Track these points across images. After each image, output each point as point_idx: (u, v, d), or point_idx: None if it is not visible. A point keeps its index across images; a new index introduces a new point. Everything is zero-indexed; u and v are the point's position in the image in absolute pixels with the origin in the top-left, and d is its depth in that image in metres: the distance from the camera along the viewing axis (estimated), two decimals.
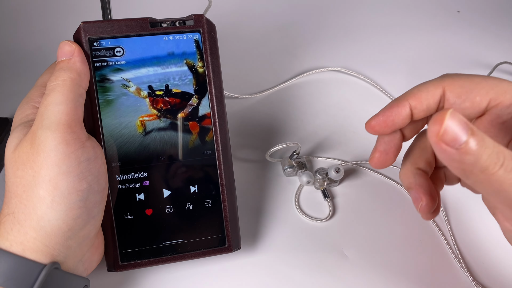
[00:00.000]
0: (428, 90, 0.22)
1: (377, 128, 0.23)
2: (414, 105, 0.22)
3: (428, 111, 0.22)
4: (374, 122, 0.23)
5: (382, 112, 0.23)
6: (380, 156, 0.24)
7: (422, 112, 0.22)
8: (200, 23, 0.27)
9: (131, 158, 0.27)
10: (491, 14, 0.57)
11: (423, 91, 0.22)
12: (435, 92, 0.22)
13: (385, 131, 0.23)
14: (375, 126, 0.23)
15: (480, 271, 0.31)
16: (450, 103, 0.21)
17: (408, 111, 0.22)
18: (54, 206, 0.22)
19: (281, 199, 0.35)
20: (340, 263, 0.31)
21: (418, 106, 0.22)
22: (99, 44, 0.26)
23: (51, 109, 0.23)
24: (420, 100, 0.22)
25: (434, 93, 0.22)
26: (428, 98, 0.22)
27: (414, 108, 0.22)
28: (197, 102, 0.28)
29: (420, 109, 0.22)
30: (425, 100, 0.22)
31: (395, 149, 0.24)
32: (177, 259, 0.28)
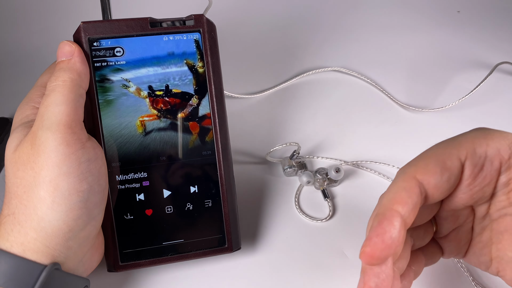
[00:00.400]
0: (404, 188, 0.20)
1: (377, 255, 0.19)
2: (402, 209, 0.20)
3: (416, 209, 0.20)
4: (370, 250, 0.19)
5: (374, 233, 0.19)
6: None
7: (411, 214, 0.20)
8: (200, 23, 0.27)
9: (131, 158, 0.27)
10: (491, 14, 0.57)
11: (400, 191, 0.20)
12: (411, 184, 0.20)
13: (387, 254, 0.19)
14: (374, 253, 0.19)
15: (480, 271, 0.31)
16: (433, 185, 0.20)
17: (400, 220, 0.20)
18: (55, 207, 0.22)
19: (281, 199, 0.35)
20: (340, 263, 0.31)
21: (405, 209, 0.20)
22: (99, 44, 0.26)
23: (52, 109, 0.23)
24: (404, 202, 0.20)
25: (412, 187, 0.20)
26: (410, 196, 0.20)
27: (403, 213, 0.20)
28: (197, 102, 0.28)
29: (408, 212, 0.20)
30: (408, 199, 0.20)
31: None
32: (177, 259, 0.28)
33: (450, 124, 0.42)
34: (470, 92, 0.43)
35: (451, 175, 0.20)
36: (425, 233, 0.25)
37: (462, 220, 0.24)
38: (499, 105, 0.45)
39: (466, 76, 0.48)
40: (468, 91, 0.43)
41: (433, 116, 0.43)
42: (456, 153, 0.20)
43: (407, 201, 0.20)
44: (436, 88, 0.46)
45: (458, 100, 0.43)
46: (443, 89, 0.46)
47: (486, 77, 0.44)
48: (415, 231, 0.25)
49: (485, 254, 0.24)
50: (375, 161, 0.38)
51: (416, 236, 0.24)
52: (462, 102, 0.43)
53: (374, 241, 0.19)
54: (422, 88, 0.46)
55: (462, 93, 0.43)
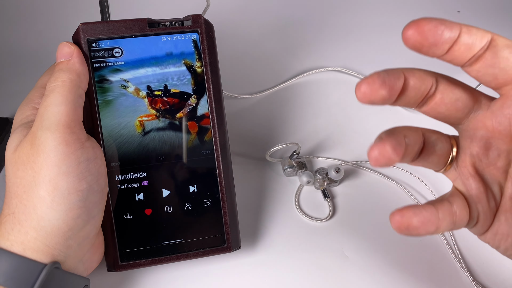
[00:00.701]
0: (479, 29, 0.19)
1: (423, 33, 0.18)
2: (464, 31, 0.19)
3: (470, 48, 0.19)
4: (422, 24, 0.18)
5: (429, 19, 0.19)
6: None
7: (463, 46, 0.19)
8: (198, 23, 0.27)
9: (130, 158, 0.27)
10: (491, 14, 0.57)
11: (474, 27, 0.19)
12: (485, 34, 0.19)
13: (431, 40, 0.19)
14: (423, 29, 0.18)
15: (480, 271, 0.31)
16: (498, 49, 0.19)
17: (458, 34, 0.19)
18: (54, 206, 0.22)
19: (281, 199, 0.35)
20: (340, 263, 0.31)
21: (465, 36, 0.19)
22: (98, 45, 0.26)
23: (51, 110, 0.23)
24: (470, 32, 0.19)
25: (484, 34, 0.19)
26: (477, 34, 0.19)
27: (462, 35, 0.19)
28: (196, 102, 0.28)
29: (465, 41, 0.19)
30: (474, 34, 0.19)
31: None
32: (176, 259, 0.28)
33: None
34: None
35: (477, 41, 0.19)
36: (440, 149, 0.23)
37: (494, 155, 0.22)
38: None
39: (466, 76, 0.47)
40: None
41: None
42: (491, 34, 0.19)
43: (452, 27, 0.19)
44: None
45: None
46: None
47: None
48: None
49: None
50: None
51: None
52: None
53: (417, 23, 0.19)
54: None
55: None
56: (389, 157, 0.20)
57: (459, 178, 0.23)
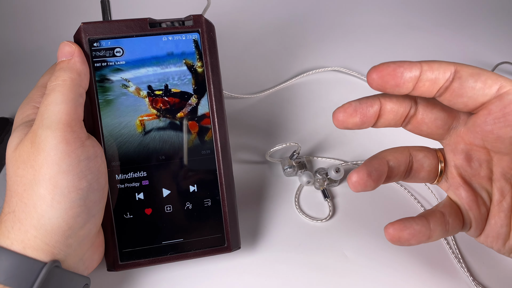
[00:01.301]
0: (441, 63, 0.21)
1: (383, 77, 0.20)
2: (425, 69, 0.20)
3: (435, 83, 0.21)
4: (381, 68, 0.20)
5: (390, 63, 0.21)
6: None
7: (428, 82, 0.20)
8: (199, 23, 0.27)
9: (130, 157, 0.27)
10: (491, 14, 0.57)
11: (436, 62, 0.21)
12: (448, 67, 0.20)
13: (391, 82, 0.20)
14: (382, 73, 0.20)
15: (480, 271, 0.31)
16: (463, 80, 0.20)
17: (419, 72, 0.20)
18: (54, 204, 0.22)
19: (281, 199, 0.35)
20: (340, 263, 0.31)
21: (427, 73, 0.20)
22: (99, 45, 0.26)
23: (51, 108, 0.23)
24: (432, 67, 0.20)
25: (446, 68, 0.20)
26: (439, 69, 0.20)
27: (424, 73, 0.20)
28: (196, 101, 0.28)
29: (428, 78, 0.20)
30: (436, 70, 0.20)
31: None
32: (176, 258, 0.28)
33: None
34: None
35: (481, 90, 0.20)
36: (428, 166, 0.25)
37: (476, 166, 0.24)
38: None
39: None
40: None
41: None
42: (502, 81, 0.20)
43: (434, 70, 0.20)
44: None
45: None
46: None
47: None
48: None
49: (506, 225, 0.23)
50: None
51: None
52: None
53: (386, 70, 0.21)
54: None
55: None
56: (364, 184, 0.23)
57: (451, 188, 0.25)
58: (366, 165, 0.23)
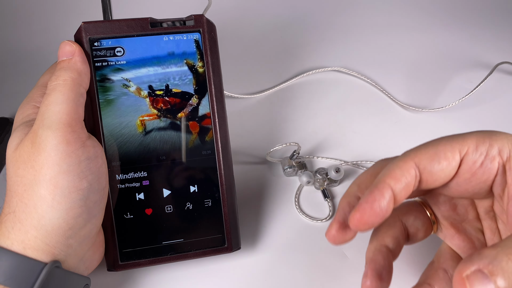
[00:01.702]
0: (401, 167, 0.20)
1: (364, 220, 0.19)
2: (393, 184, 0.20)
3: (408, 188, 0.20)
4: (359, 215, 0.20)
5: (364, 200, 0.20)
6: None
7: (403, 192, 0.20)
8: (200, 23, 0.27)
9: (131, 157, 0.27)
10: (491, 14, 0.57)
11: (395, 168, 0.20)
12: (408, 165, 0.20)
13: (374, 221, 0.20)
14: (362, 218, 0.19)
15: None
16: (428, 171, 0.20)
17: (391, 192, 0.20)
18: (55, 205, 0.22)
19: (281, 199, 0.35)
20: (340, 263, 0.31)
21: (397, 186, 0.20)
22: (100, 44, 0.26)
23: (52, 108, 0.23)
24: (396, 178, 0.20)
25: (408, 168, 0.20)
26: (403, 174, 0.20)
27: (394, 188, 0.20)
28: (197, 102, 0.28)
29: (399, 189, 0.20)
30: (400, 177, 0.20)
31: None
32: (176, 258, 0.28)
33: (450, 124, 0.42)
34: (470, 92, 0.43)
35: (448, 166, 0.21)
36: (423, 225, 0.25)
37: (462, 211, 0.25)
38: (499, 105, 0.45)
39: (466, 76, 0.48)
40: (468, 91, 0.43)
41: (433, 116, 0.43)
42: (458, 146, 0.21)
43: (400, 178, 0.20)
44: (436, 88, 0.46)
45: (458, 100, 0.43)
46: (443, 89, 0.46)
47: (486, 77, 0.44)
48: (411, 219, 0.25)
49: None
50: (375, 161, 0.38)
51: (412, 224, 0.25)
52: (462, 102, 0.43)
53: (364, 207, 0.20)
54: (422, 88, 0.46)
55: (462, 93, 0.43)
56: (381, 283, 0.22)
57: (447, 238, 0.26)
58: (373, 268, 0.22)
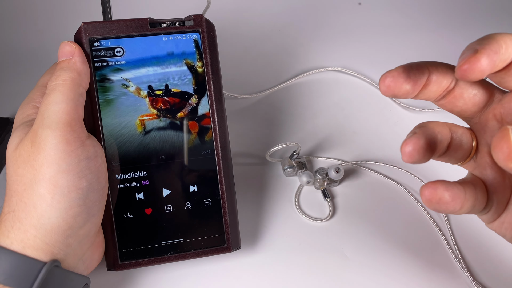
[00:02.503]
0: (498, 40, 0.18)
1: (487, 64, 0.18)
2: (504, 49, 0.18)
3: (506, 60, 0.19)
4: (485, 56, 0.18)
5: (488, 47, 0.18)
6: None
7: (503, 61, 0.19)
8: (199, 23, 0.27)
9: (131, 157, 0.27)
10: (491, 14, 0.57)
11: (507, 37, 0.18)
12: (500, 42, 0.18)
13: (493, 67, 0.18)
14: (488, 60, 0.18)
15: (480, 271, 0.31)
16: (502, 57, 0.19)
17: (501, 50, 0.18)
18: (54, 204, 0.22)
19: (281, 199, 0.35)
20: (340, 263, 0.31)
21: (504, 52, 0.18)
22: (100, 45, 0.26)
23: (52, 108, 0.23)
24: (507, 46, 0.18)
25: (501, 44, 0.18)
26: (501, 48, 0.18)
27: (503, 54, 0.18)
28: (197, 101, 0.28)
29: (504, 57, 0.18)
30: (510, 48, 0.18)
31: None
32: (176, 258, 0.28)
33: None
34: None
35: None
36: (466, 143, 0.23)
37: None
38: None
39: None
40: None
41: (433, 116, 0.43)
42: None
43: (508, 48, 0.18)
44: None
45: None
46: None
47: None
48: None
49: None
50: (375, 161, 0.38)
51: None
52: None
53: (490, 53, 0.18)
54: None
55: None
56: (423, 154, 0.20)
57: (477, 168, 0.23)
58: (420, 135, 0.20)
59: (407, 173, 0.37)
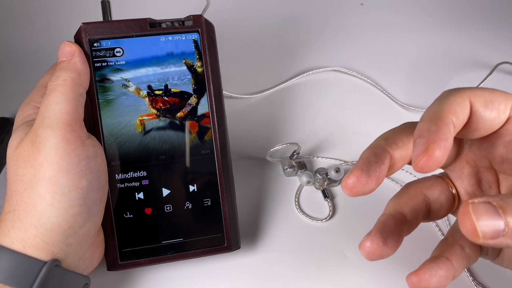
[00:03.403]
0: (459, 104, 0.19)
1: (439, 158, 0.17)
2: (455, 121, 0.18)
3: (461, 125, 0.19)
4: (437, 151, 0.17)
5: (437, 137, 0.17)
6: None
7: (458, 128, 0.19)
8: (198, 23, 0.27)
9: (130, 157, 0.27)
10: (491, 14, 0.57)
11: (456, 106, 0.19)
12: (465, 104, 0.19)
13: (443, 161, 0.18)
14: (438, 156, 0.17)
15: (480, 271, 0.31)
16: (479, 114, 0.19)
17: (453, 128, 0.18)
18: (54, 203, 0.22)
19: (281, 199, 0.35)
20: (340, 263, 0.31)
21: (458, 123, 0.19)
22: (99, 45, 0.26)
23: (52, 108, 0.23)
24: (458, 116, 0.18)
25: (465, 106, 0.19)
26: (462, 113, 0.19)
27: (456, 124, 0.18)
28: (196, 101, 0.28)
29: (459, 126, 0.19)
30: (461, 115, 0.19)
31: None
32: (176, 258, 0.28)
33: None
34: None
35: (497, 118, 0.19)
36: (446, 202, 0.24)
37: (486, 187, 0.23)
38: None
39: (466, 76, 0.48)
40: None
41: None
42: (505, 100, 0.19)
43: (460, 116, 0.18)
44: (436, 88, 0.46)
45: None
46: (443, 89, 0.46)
47: (486, 77, 0.44)
48: None
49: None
50: None
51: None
52: None
53: (439, 144, 0.17)
54: (422, 88, 0.46)
55: None
56: (379, 253, 0.21)
57: None
58: (379, 230, 0.21)
59: (407, 173, 0.37)
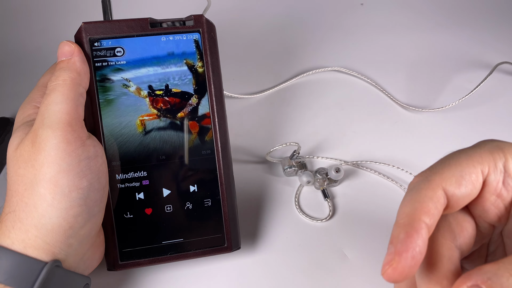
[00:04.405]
0: (432, 197, 0.19)
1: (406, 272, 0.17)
2: (429, 220, 0.18)
3: (438, 216, 0.19)
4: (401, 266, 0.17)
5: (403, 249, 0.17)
6: None
7: (434, 225, 0.19)
8: (199, 23, 0.27)
9: (131, 157, 0.27)
10: (491, 14, 0.57)
11: (428, 202, 0.19)
12: (438, 196, 0.19)
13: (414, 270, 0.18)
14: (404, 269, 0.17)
15: None
16: (457, 198, 0.19)
17: (427, 230, 0.18)
18: (55, 204, 0.22)
19: (281, 199, 0.35)
20: (340, 263, 0.31)
21: (432, 221, 0.19)
22: (100, 44, 0.26)
23: (52, 108, 0.23)
24: (431, 213, 0.18)
25: (438, 198, 0.19)
26: (437, 207, 0.19)
27: (429, 224, 0.18)
28: (197, 101, 0.28)
29: (433, 223, 0.19)
30: (435, 210, 0.19)
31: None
32: (176, 258, 0.28)
33: (450, 124, 0.42)
34: (470, 92, 0.43)
35: (473, 189, 0.19)
36: None
37: (485, 237, 0.22)
38: (499, 105, 0.45)
39: (466, 76, 0.48)
40: (468, 91, 0.43)
41: (433, 116, 0.43)
42: (480, 166, 0.19)
43: (434, 212, 0.18)
44: (436, 88, 0.47)
45: (458, 100, 0.43)
46: (443, 89, 0.46)
47: (486, 77, 0.44)
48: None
49: None
50: (375, 161, 0.38)
51: None
52: (462, 102, 0.43)
53: (404, 257, 0.17)
54: (422, 88, 0.46)
55: (462, 93, 0.43)
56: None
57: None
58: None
59: (407, 173, 0.38)
